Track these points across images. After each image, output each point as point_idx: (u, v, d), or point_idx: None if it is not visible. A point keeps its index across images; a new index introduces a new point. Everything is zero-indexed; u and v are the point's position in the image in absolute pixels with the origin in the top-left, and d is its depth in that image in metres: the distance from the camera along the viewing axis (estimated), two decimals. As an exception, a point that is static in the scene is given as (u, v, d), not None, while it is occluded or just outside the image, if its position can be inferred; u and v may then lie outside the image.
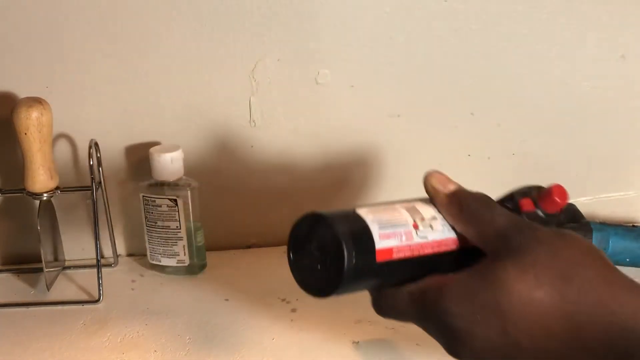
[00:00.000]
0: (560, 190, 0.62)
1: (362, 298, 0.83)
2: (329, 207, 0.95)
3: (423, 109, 0.92)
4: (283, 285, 0.87)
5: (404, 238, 0.54)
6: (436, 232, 0.56)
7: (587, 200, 0.97)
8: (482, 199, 0.56)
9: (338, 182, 0.95)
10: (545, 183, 0.97)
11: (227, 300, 0.85)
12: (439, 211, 0.57)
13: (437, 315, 0.52)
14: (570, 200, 0.96)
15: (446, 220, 0.57)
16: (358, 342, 0.75)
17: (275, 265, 0.92)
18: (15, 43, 0.86)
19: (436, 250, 0.56)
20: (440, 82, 0.91)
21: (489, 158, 0.95)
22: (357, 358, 0.73)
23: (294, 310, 0.82)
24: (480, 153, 0.95)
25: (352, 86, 0.91)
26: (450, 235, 0.56)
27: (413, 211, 0.57)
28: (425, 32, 0.88)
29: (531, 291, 0.49)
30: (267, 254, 0.95)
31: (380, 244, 0.53)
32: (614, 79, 0.93)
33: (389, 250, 0.54)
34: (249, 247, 0.97)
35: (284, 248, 0.95)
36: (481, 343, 0.51)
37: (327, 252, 0.53)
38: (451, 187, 0.58)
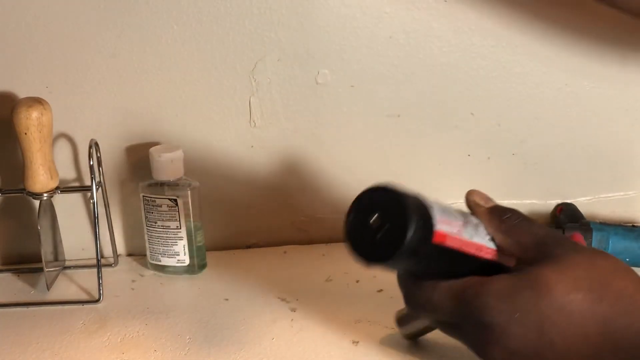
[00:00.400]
0: (578, 239, 0.65)
1: (362, 298, 0.84)
2: (329, 207, 0.95)
3: (423, 109, 0.92)
4: (283, 285, 0.87)
5: (455, 230, 0.56)
6: (479, 237, 0.58)
7: (587, 200, 0.97)
8: (521, 213, 0.60)
9: (338, 182, 0.95)
10: (545, 183, 0.97)
11: (227, 300, 0.85)
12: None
13: (476, 311, 0.54)
14: (570, 200, 0.97)
15: (487, 231, 0.59)
16: (358, 342, 0.75)
17: (275, 265, 0.92)
18: (15, 43, 0.86)
19: (477, 253, 0.58)
20: (440, 82, 0.91)
21: (489, 158, 0.95)
22: (357, 358, 0.73)
23: (294, 310, 0.82)
24: (480, 153, 0.95)
25: (352, 86, 0.91)
26: (490, 245, 0.59)
27: (462, 212, 0.59)
28: (425, 32, 0.88)
29: (570, 293, 0.52)
30: (267, 254, 0.95)
31: (438, 225, 0.55)
32: (615, 79, 0.93)
33: (444, 235, 0.55)
34: (249, 247, 0.97)
35: (284, 248, 0.96)
36: (515, 342, 0.52)
37: (391, 221, 0.54)
38: (491, 203, 0.62)
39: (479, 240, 0.59)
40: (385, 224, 0.54)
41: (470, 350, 0.57)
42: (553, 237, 0.57)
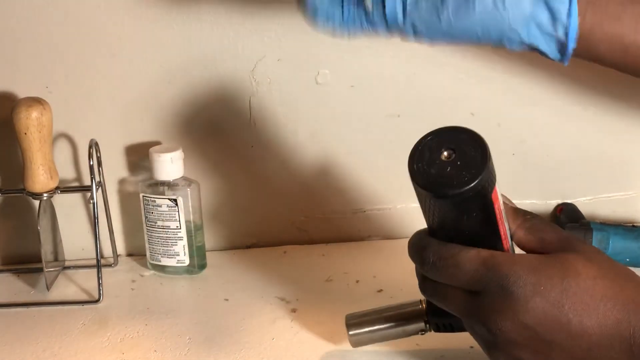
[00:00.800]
0: None
1: (362, 298, 0.84)
2: (329, 207, 0.95)
3: (423, 109, 0.92)
4: (283, 285, 0.87)
5: (501, 202, 0.58)
6: (507, 225, 0.59)
7: (587, 200, 0.97)
8: (541, 216, 0.62)
9: (338, 183, 0.95)
10: (545, 183, 0.97)
11: (227, 300, 0.85)
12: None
13: (503, 277, 0.54)
14: (570, 200, 0.97)
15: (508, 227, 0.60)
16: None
17: (275, 265, 0.92)
18: (16, 43, 0.86)
19: (503, 237, 0.58)
20: (440, 82, 0.91)
21: (489, 158, 0.95)
22: (357, 358, 0.73)
23: (294, 310, 0.82)
24: (480, 153, 0.95)
25: (352, 86, 0.90)
26: (509, 239, 0.60)
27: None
28: (425, 32, 0.88)
29: (596, 278, 0.54)
30: (267, 254, 0.95)
31: (496, 186, 0.56)
32: (614, 78, 0.93)
33: (497, 197, 0.56)
34: (249, 247, 0.97)
35: (284, 248, 0.96)
36: (532, 315, 0.54)
37: (465, 159, 0.55)
38: (514, 203, 0.63)
39: (506, 227, 0.59)
40: (458, 161, 0.55)
41: (475, 326, 0.57)
42: (576, 237, 0.59)
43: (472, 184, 0.54)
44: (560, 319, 0.53)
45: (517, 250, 0.61)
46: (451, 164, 0.55)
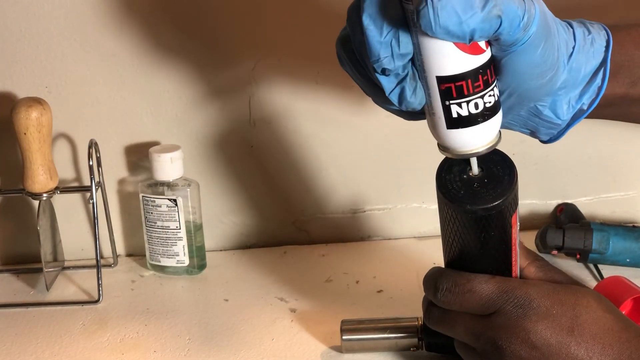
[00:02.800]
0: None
1: (362, 298, 0.84)
2: (329, 207, 0.95)
3: (423, 109, 0.92)
4: (283, 285, 0.87)
5: (517, 228, 0.59)
6: (518, 255, 0.61)
7: (587, 200, 0.97)
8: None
9: (338, 183, 0.95)
10: (545, 183, 0.97)
11: (226, 300, 0.85)
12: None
13: (515, 299, 0.57)
14: (570, 200, 0.96)
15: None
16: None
17: (275, 265, 0.92)
18: (15, 43, 0.86)
19: (514, 264, 0.60)
20: (440, 82, 0.91)
21: (489, 158, 0.95)
22: (357, 358, 0.73)
23: (293, 311, 0.82)
24: (480, 153, 0.95)
25: (352, 86, 0.90)
26: (517, 268, 0.61)
27: None
28: (425, 32, 0.88)
29: (606, 312, 0.57)
30: (267, 254, 0.95)
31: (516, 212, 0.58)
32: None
33: (515, 221, 0.58)
34: (249, 247, 0.97)
35: (284, 248, 0.96)
36: (542, 336, 0.56)
37: (494, 178, 0.56)
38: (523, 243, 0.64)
39: (518, 256, 0.61)
40: (486, 179, 0.56)
41: (483, 346, 0.58)
42: (583, 283, 0.62)
43: (497, 202, 0.55)
44: (569, 344, 0.56)
45: None
46: (479, 181, 0.56)
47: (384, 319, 0.73)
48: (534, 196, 0.97)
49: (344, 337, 0.72)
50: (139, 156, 0.91)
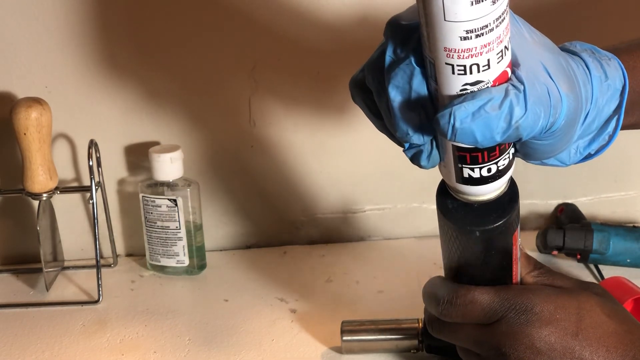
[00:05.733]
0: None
1: (362, 299, 0.83)
2: (329, 207, 0.95)
3: (423, 109, 0.92)
4: (283, 285, 0.86)
5: (518, 243, 0.58)
6: (517, 269, 0.60)
7: (587, 201, 0.97)
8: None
9: (338, 183, 0.95)
10: (546, 183, 0.96)
11: (226, 300, 0.85)
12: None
13: (518, 305, 0.56)
14: (571, 201, 0.96)
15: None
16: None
17: (275, 265, 0.92)
18: (15, 43, 0.86)
19: (514, 276, 0.60)
20: (440, 82, 0.91)
21: (489, 158, 0.95)
22: (357, 359, 0.73)
23: (293, 311, 0.82)
24: (480, 153, 0.95)
25: (352, 86, 0.90)
26: (518, 278, 0.61)
27: None
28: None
29: (609, 315, 0.57)
30: (267, 254, 0.95)
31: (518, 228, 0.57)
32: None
33: (517, 238, 0.57)
34: (249, 247, 0.97)
35: (284, 248, 0.96)
36: (547, 341, 0.55)
37: (498, 202, 0.55)
38: (526, 250, 0.64)
39: (519, 270, 0.60)
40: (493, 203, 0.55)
41: (486, 352, 0.58)
42: (586, 281, 0.61)
43: (498, 224, 0.54)
44: (573, 348, 0.55)
45: None
46: (479, 201, 0.55)
47: (384, 321, 0.73)
48: (534, 196, 0.97)
49: (344, 338, 0.72)
50: (139, 156, 0.91)
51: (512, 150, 0.53)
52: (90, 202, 0.85)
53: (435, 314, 0.60)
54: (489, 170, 0.52)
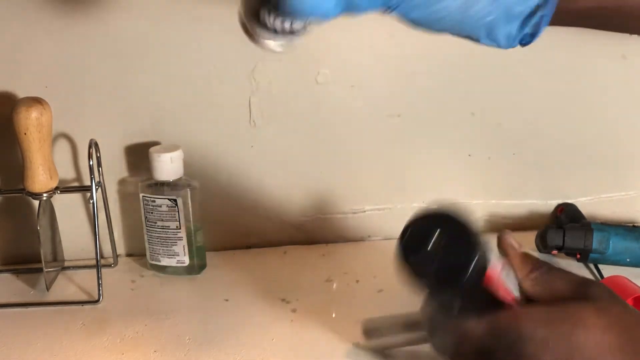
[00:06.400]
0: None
1: (362, 298, 0.84)
2: (329, 207, 0.95)
3: (423, 109, 0.92)
4: (283, 285, 0.87)
5: (497, 273, 0.57)
6: (510, 281, 0.58)
7: (587, 200, 0.97)
8: (550, 263, 0.60)
9: (338, 182, 0.95)
10: (545, 183, 0.97)
11: (226, 300, 0.85)
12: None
13: (508, 338, 0.54)
14: (571, 200, 0.96)
15: (515, 275, 0.59)
16: (358, 342, 0.75)
17: (275, 265, 0.92)
18: (15, 43, 0.86)
19: (504, 297, 0.58)
20: (440, 82, 0.91)
21: (489, 158, 0.95)
22: (357, 358, 0.73)
23: (294, 311, 0.82)
24: (480, 153, 0.95)
25: (352, 86, 0.90)
26: (515, 291, 0.59)
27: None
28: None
29: (605, 333, 0.54)
30: (267, 254, 0.95)
31: (489, 267, 0.55)
32: (614, 78, 0.93)
33: (490, 277, 0.56)
34: (249, 247, 0.97)
35: (284, 248, 0.96)
36: None
37: (453, 250, 0.54)
38: (522, 249, 0.61)
39: (509, 285, 0.59)
40: (445, 251, 0.54)
41: None
42: (589, 280, 0.59)
43: (461, 282, 0.54)
44: None
45: None
46: (440, 258, 0.54)
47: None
48: (534, 196, 0.97)
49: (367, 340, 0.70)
50: (139, 156, 0.91)
51: None
52: (91, 202, 0.85)
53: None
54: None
